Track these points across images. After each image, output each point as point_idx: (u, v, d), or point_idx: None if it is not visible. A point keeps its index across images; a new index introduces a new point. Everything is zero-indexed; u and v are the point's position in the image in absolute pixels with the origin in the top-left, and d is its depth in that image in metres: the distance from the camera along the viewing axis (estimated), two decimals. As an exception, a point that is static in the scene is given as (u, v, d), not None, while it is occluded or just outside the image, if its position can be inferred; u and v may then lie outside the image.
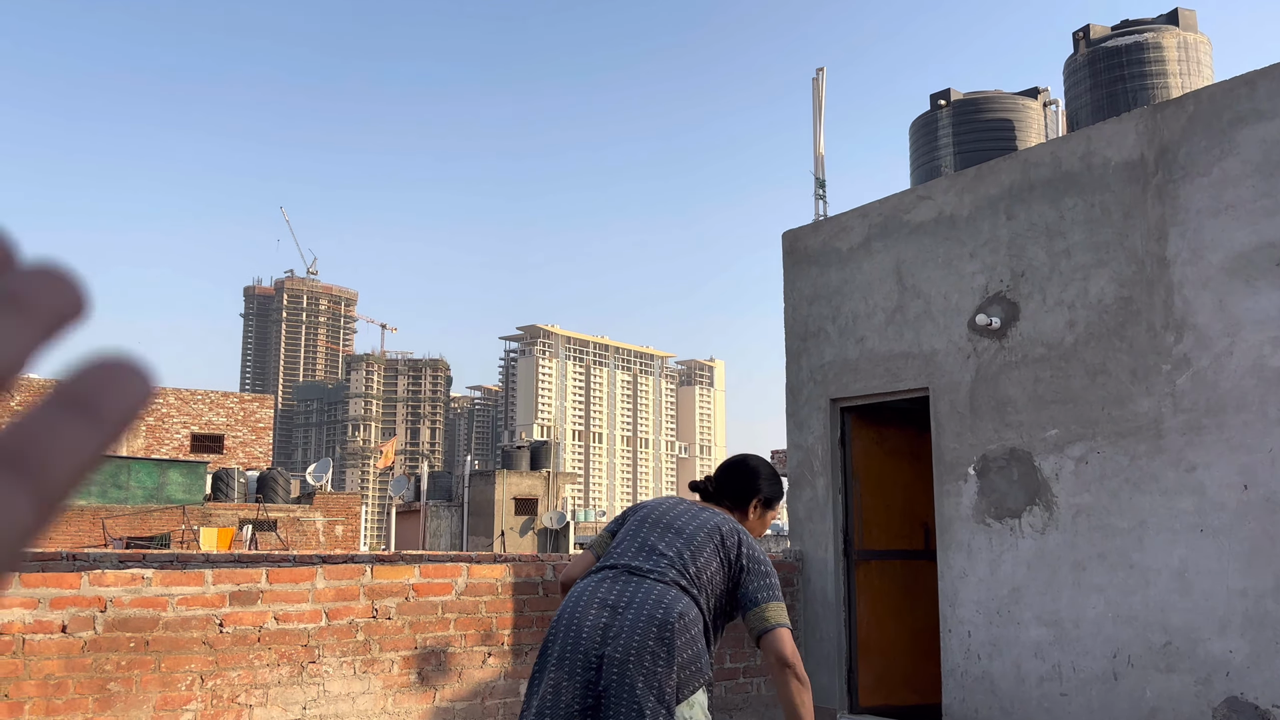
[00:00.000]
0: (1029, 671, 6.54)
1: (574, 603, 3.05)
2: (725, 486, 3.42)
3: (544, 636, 3.09)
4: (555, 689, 2.91)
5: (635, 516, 3.31)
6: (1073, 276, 6.59)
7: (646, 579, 3.05)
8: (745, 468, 3.45)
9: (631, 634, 2.90)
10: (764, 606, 3.06)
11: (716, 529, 3.18)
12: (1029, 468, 6.70)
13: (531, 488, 44.95)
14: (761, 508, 3.42)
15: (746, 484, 3.41)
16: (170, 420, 36.70)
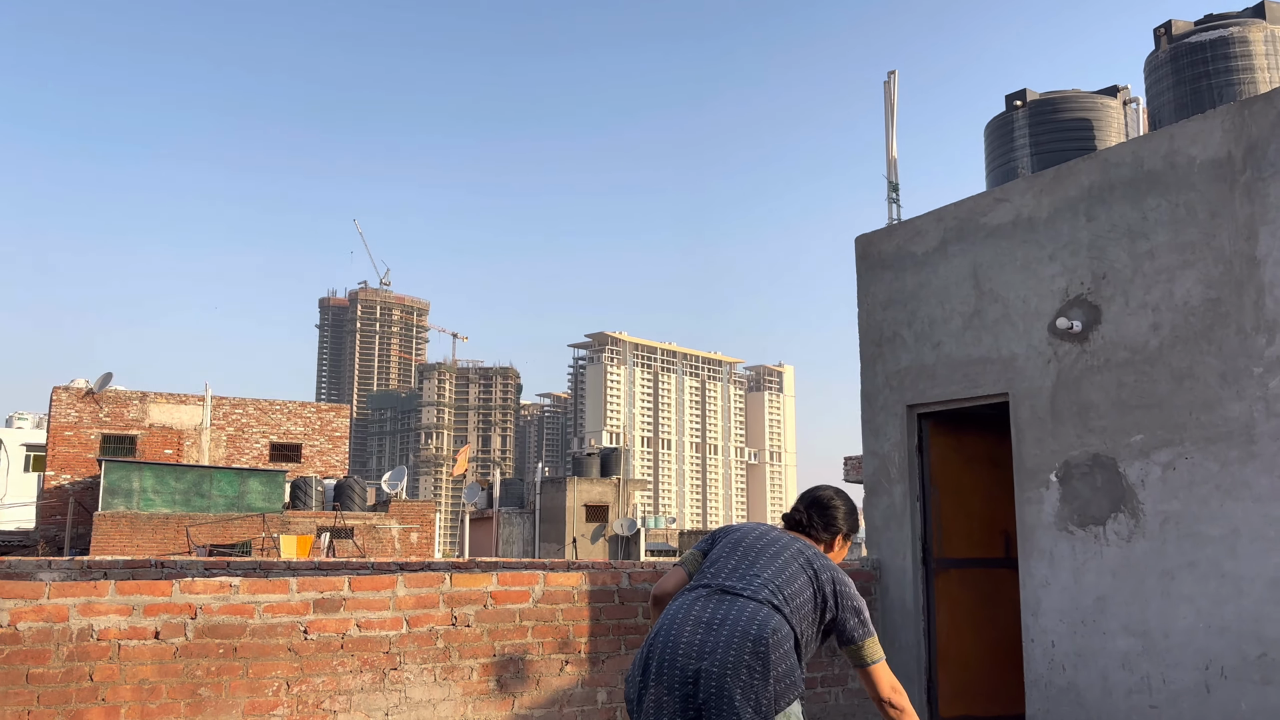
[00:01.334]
0: (1116, 683, 6.38)
1: (670, 620, 3.18)
2: (814, 519, 3.64)
3: (640, 651, 3.19)
4: (657, 705, 3.03)
5: (728, 539, 3.45)
6: (1157, 278, 6.43)
7: (740, 597, 3.19)
8: (830, 504, 3.67)
9: (728, 649, 3.02)
10: (861, 644, 3.31)
11: (809, 561, 3.39)
12: (1113, 474, 6.54)
13: (602, 494, 45.11)
14: (843, 539, 3.72)
15: (831, 518, 3.64)
16: (250, 430, 37.58)
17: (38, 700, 5.23)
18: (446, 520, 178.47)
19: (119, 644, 5.45)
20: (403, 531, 33.52)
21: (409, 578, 6.29)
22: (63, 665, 5.31)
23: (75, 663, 5.33)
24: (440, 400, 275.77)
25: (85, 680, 5.35)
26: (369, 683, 6.05)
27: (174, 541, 29.46)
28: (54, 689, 5.27)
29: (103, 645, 5.41)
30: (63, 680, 5.30)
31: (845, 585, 3.40)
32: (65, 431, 34.65)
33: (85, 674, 5.35)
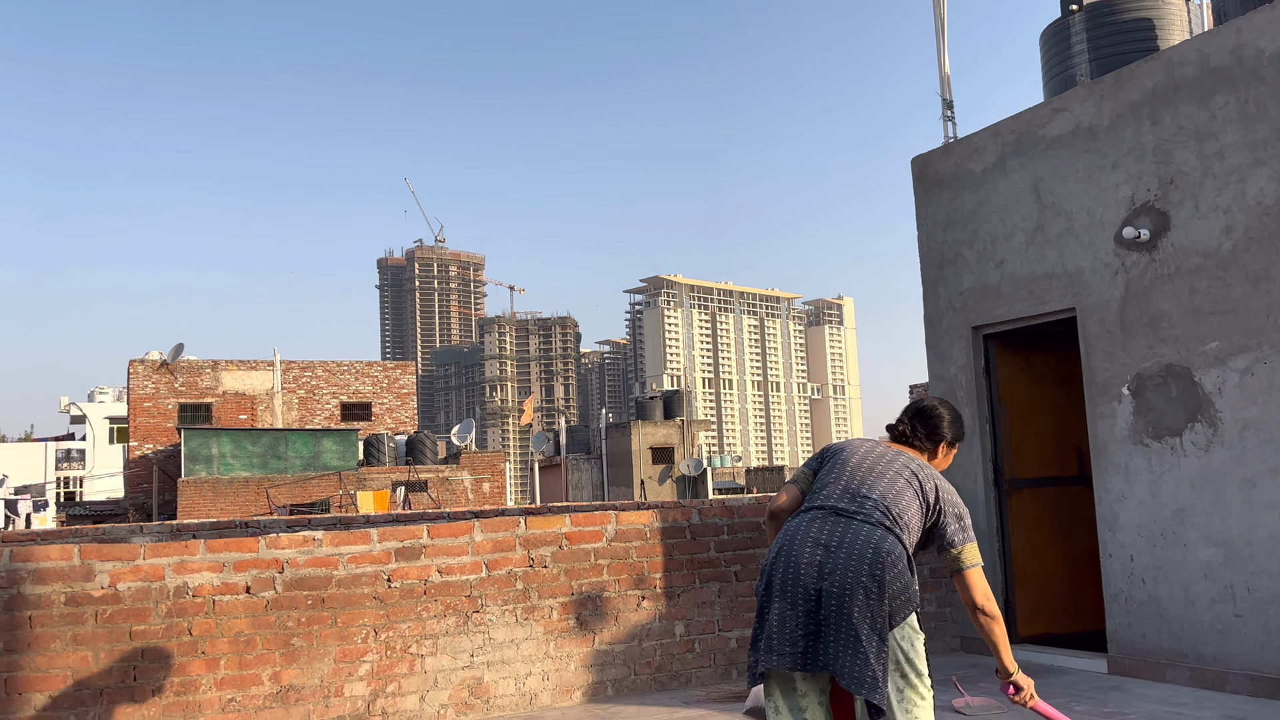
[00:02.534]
0: (1199, 594, 6.31)
1: (789, 540, 3.39)
2: (917, 429, 3.72)
3: (764, 566, 3.43)
4: (781, 618, 3.27)
5: (835, 459, 3.61)
6: (1228, 179, 6.22)
7: (854, 520, 3.37)
8: (935, 412, 3.74)
9: (845, 571, 3.24)
10: (960, 549, 3.43)
11: (914, 474, 3.51)
12: (1188, 384, 6.41)
13: (667, 437, 45.36)
14: (948, 447, 3.75)
15: (935, 427, 3.71)
16: (320, 392, 38.34)
17: (142, 655, 5.47)
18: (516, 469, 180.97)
19: (213, 599, 5.66)
20: (475, 482, 34.10)
21: (485, 523, 6.42)
22: (163, 622, 5.53)
23: (174, 619, 5.55)
24: (502, 353, 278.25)
25: (185, 635, 5.57)
26: (453, 626, 6.21)
27: (255, 503, 30.33)
28: (156, 644, 5.50)
29: (198, 601, 5.62)
30: (164, 636, 5.52)
31: (948, 492, 3.52)
32: (144, 403, 35.68)
33: (184, 629, 5.57)
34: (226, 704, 5.60)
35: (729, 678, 6.94)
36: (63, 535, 9.63)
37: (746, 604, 7.08)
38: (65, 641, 5.31)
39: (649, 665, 6.73)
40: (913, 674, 3.32)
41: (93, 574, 5.41)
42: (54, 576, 5.34)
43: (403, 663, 6.06)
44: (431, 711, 6.09)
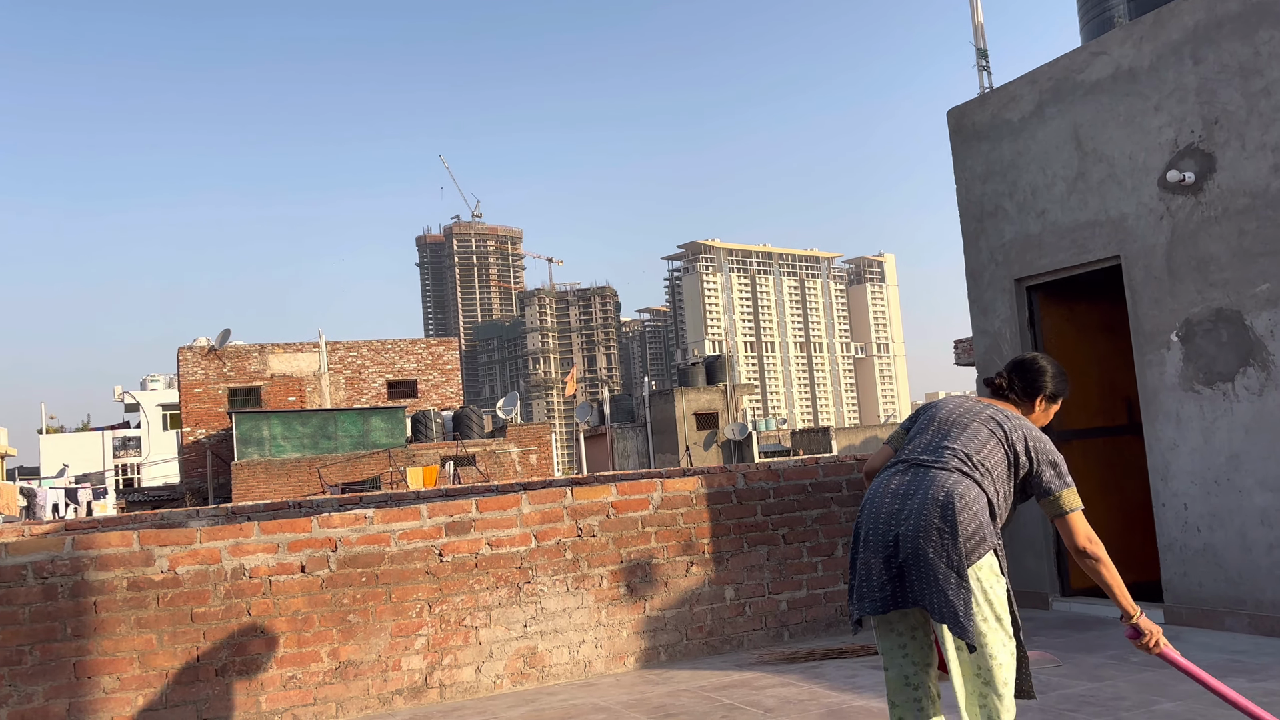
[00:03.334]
0: (1256, 540, 6.22)
1: (873, 494, 3.54)
2: (1014, 383, 3.75)
3: (854, 523, 3.59)
4: (867, 567, 3.43)
5: (925, 415, 3.71)
6: (1275, 116, 6.06)
7: (931, 469, 3.47)
8: (1034, 366, 3.76)
9: (919, 515, 3.37)
10: (1058, 495, 3.48)
11: (999, 424, 3.55)
12: (1239, 327, 6.28)
13: (710, 402, 45.35)
14: (1046, 402, 3.75)
15: (1033, 381, 3.74)
16: (366, 371, 38.76)
17: (204, 636, 5.60)
18: (562, 440, 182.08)
19: (270, 580, 5.77)
20: (522, 454, 34.36)
21: (532, 495, 6.48)
22: (222, 603, 5.65)
23: (233, 600, 5.68)
24: (543, 325, 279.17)
25: (244, 615, 5.69)
26: (505, 597, 6.29)
27: (307, 483, 30.82)
28: (217, 625, 5.63)
29: (255, 582, 5.74)
30: (224, 617, 5.65)
31: (1039, 441, 3.54)
32: (195, 389, 36.30)
33: (243, 609, 5.69)
34: (288, 681, 5.73)
35: (780, 639, 6.97)
36: (122, 521, 9.86)
37: (795, 566, 7.09)
38: (130, 625, 5.45)
39: (700, 630, 6.77)
40: (992, 618, 3.35)
41: (152, 559, 5.54)
42: (115, 563, 5.47)
43: (457, 635, 6.15)
44: (488, 682, 6.18)
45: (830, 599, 7.17)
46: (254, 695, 5.65)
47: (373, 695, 5.91)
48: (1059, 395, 3.76)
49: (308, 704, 5.76)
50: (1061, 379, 3.77)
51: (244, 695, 5.63)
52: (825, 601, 7.16)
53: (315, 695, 5.78)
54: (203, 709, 5.54)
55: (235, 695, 5.61)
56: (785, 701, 5.44)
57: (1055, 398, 3.76)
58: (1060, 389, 3.76)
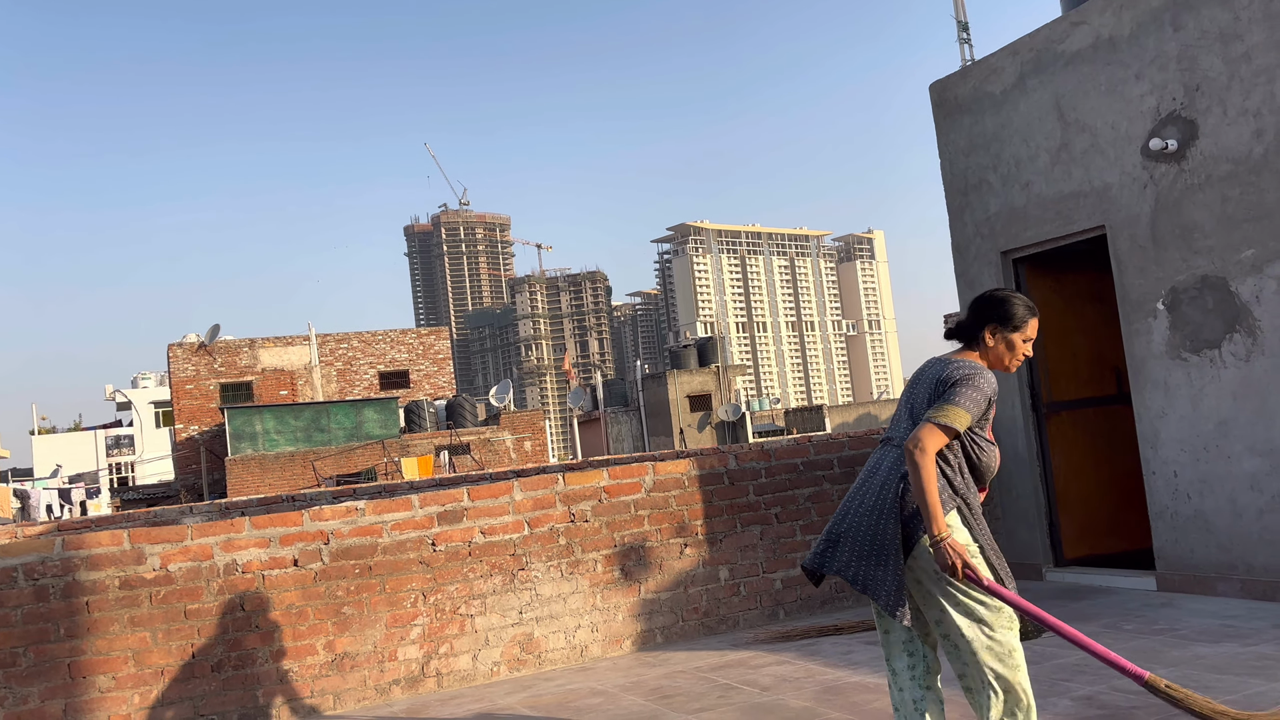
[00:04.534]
0: (1245, 506, 6.24)
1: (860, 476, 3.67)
2: (960, 325, 3.58)
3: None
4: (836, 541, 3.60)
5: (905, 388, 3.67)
6: (1255, 82, 6.05)
7: (889, 445, 3.53)
8: (980, 296, 3.57)
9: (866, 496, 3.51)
10: (935, 408, 3.35)
11: (937, 380, 3.43)
12: (1225, 294, 6.29)
13: (703, 384, 45.38)
14: (1000, 334, 3.48)
15: (974, 311, 3.54)
16: (358, 363, 38.69)
17: (198, 633, 5.59)
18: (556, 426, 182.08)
19: (263, 574, 5.76)
20: (516, 441, 34.37)
21: (524, 482, 6.47)
22: (215, 599, 5.65)
23: (226, 595, 5.67)
24: (534, 312, 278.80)
25: (238, 611, 5.69)
26: (500, 585, 6.29)
27: (302, 477, 30.81)
28: (211, 621, 5.62)
29: (248, 577, 5.73)
30: (218, 613, 5.64)
31: (955, 370, 3.39)
32: (186, 385, 36.21)
33: (237, 605, 5.69)
34: (284, 675, 5.73)
35: (776, 618, 6.99)
36: (114, 520, 9.83)
37: (789, 545, 7.11)
38: (123, 624, 5.44)
39: (696, 611, 6.79)
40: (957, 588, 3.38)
41: (143, 557, 5.53)
42: (106, 562, 5.46)
43: (453, 624, 6.15)
44: (485, 669, 6.19)
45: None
46: (251, 690, 5.65)
47: (370, 686, 5.91)
48: (1005, 320, 3.47)
49: (305, 696, 5.76)
50: (1000, 305, 3.48)
51: (241, 690, 5.63)
52: (820, 579, 7.17)
53: (312, 688, 5.78)
54: (200, 705, 5.54)
55: (232, 690, 5.61)
56: (781, 680, 5.46)
57: (1005, 323, 3.47)
58: (1002, 314, 3.47)
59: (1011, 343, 3.49)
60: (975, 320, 3.52)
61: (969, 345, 3.54)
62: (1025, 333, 3.49)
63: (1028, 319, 3.50)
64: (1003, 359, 3.51)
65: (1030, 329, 3.50)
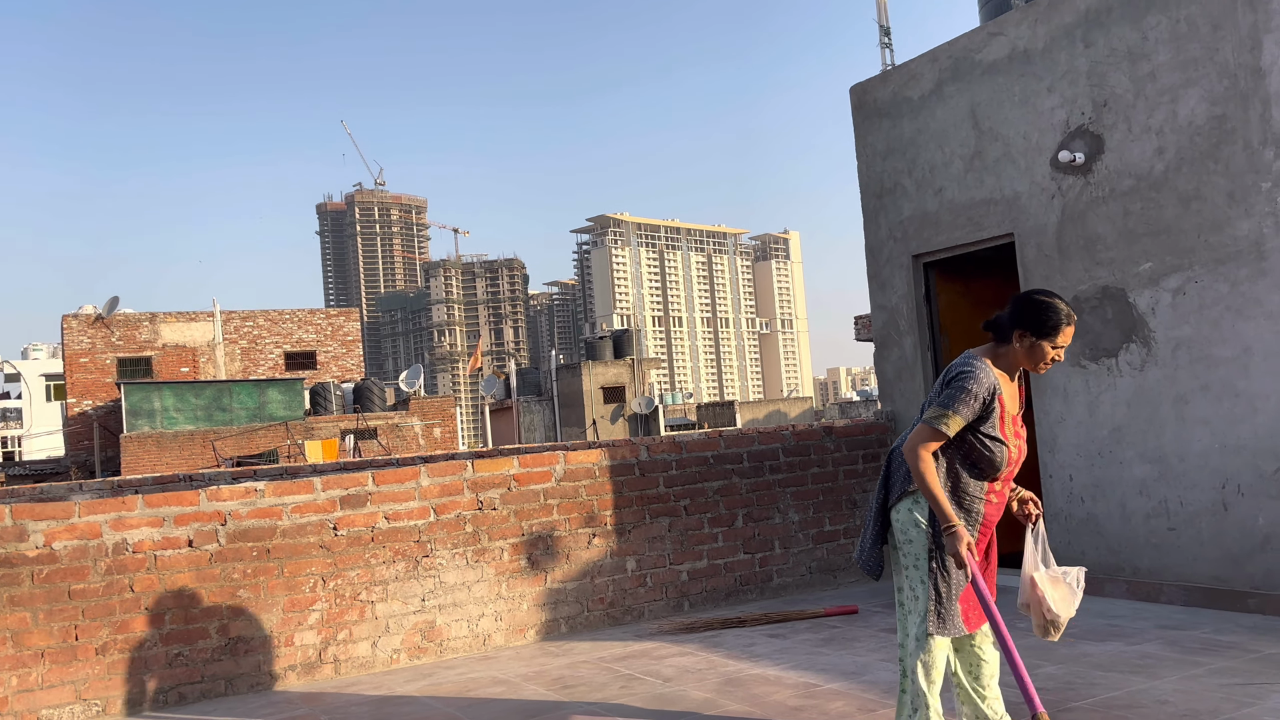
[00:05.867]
0: (1135, 510, 6.47)
1: None
2: (1000, 315, 3.66)
3: None
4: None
5: None
6: (1159, 100, 6.26)
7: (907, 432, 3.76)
8: (1017, 297, 3.63)
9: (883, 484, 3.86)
10: (929, 410, 3.57)
11: (941, 380, 3.62)
12: (1123, 305, 6.51)
13: (617, 376, 45.43)
14: (1029, 338, 3.56)
15: (1011, 310, 3.61)
16: (263, 341, 37.75)
17: (83, 614, 5.38)
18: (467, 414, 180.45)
19: (155, 555, 5.57)
20: (425, 428, 33.94)
21: (432, 468, 6.37)
22: (102, 580, 5.44)
23: (114, 576, 5.46)
24: (449, 297, 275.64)
25: (127, 592, 5.48)
26: (403, 571, 6.19)
27: (201, 457, 29.96)
28: (97, 602, 5.41)
29: (139, 557, 5.53)
30: (104, 594, 5.43)
31: (953, 371, 3.59)
32: (80, 358, 34.89)
33: (126, 586, 5.48)
34: (174, 658, 5.55)
35: (681, 610, 7.02)
36: (-1, 496, 9.41)
37: (696, 537, 7.14)
38: (1, 603, 5.20)
39: (601, 601, 6.78)
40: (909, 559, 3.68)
41: (26, 534, 5.29)
42: (-14, 538, 5.21)
43: (353, 610, 6.03)
44: (384, 657, 6.08)
45: (730, 569, 7.25)
46: (137, 674, 5.46)
47: (264, 672, 5.76)
48: (1037, 329, 3.52)
49: (195, 681, 5.59)
50: (1038, 311, 3.52)
51: (127, 674, 5.44)
52: (725, 571, 7.23)
53: (203, 673, 5.61)
54: (82, 689, 5.33)
55: (117, 675, 5.41)
56: (684, 671, 5.48)
57: (1037, 331, 3.52)
58: (1035, 322, 3.51)
59: (1039, 349, 3.55)
60: (1011, 320, 3.59)
61: (1000, 340, 3.64)
62: (1056, 340, 3.54)
63: (1060, 328, 3.53)
64: (1027, 361, 3.60)
65: (1063, 337, 3.54)
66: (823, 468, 7.70)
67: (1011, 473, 3.72)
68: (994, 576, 3.89)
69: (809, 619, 6.57)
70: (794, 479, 7.56)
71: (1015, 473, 3.77)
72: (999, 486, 3.71)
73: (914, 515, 3.67)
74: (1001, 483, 3.71)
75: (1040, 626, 3.70)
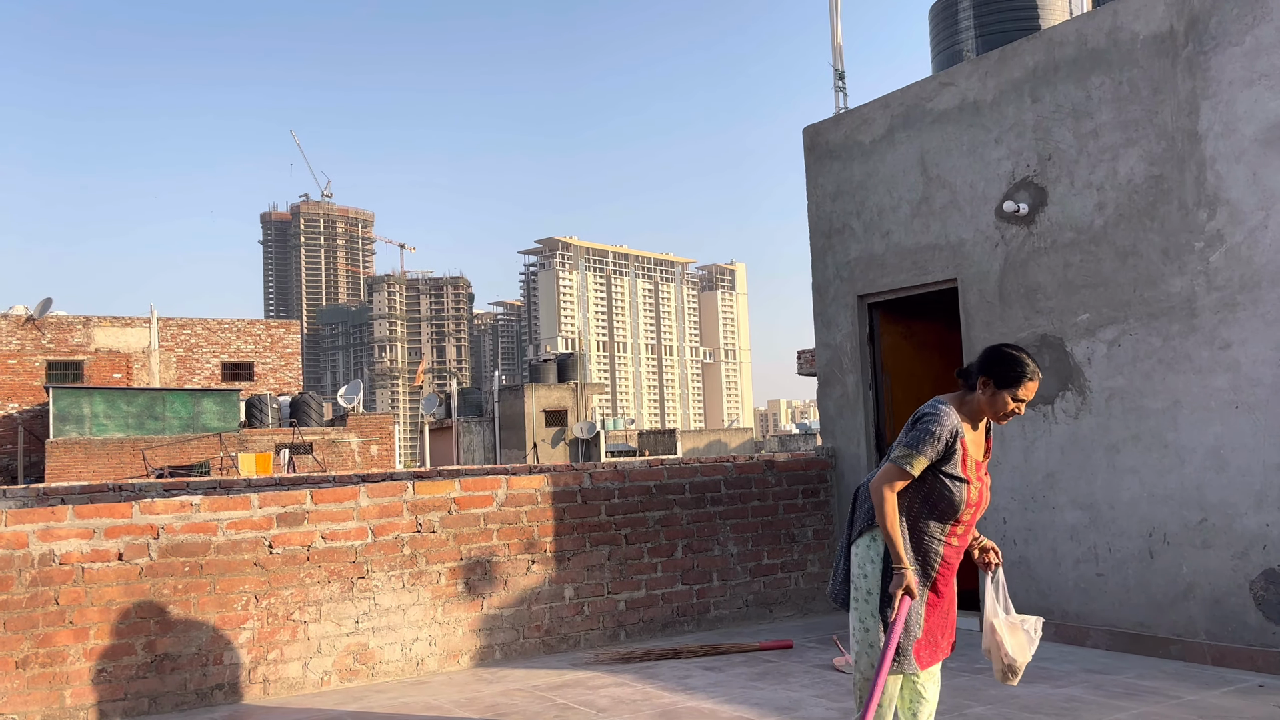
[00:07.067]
0: (1065, 554, 6.62)
1: None
2: (971, 365, 3.85)
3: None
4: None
5: None
6: (1101, 157, 6.47)
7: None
8: (985, 350, 3.82)
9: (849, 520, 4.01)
10: (895, 449, 3.74)
11: (911, 419, 3.76)
12: (1061, 353, 6.68)
13: (560, 399, 45.31)
14: (992, 387, 3.73)
15: (977, 363, 3.81)
16: (200, 350, 37.06)
17: (4, 626, 5.23)
18: (406, 432, 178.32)
19: (83, 567, 5.44)
20: (362, 445, 33.51)
21: (371, 488, 6.31)
22: (26, 591, 5.29)
23: (39, 588, 5.32)
24: (391, 313, 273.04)
25: (51, 604, 5.34)
26: (338, 592, 6.11)
27: (130, 465, 29.24)
28: (19, 614, 5.27)
29: (66, 569, 5.40)
30: (28, 605, 5.29)
31: (919, 413, 3.75)
32: (8, 360, 33.95)
33: (50, 598, 5.34)
34: (96, 675, 5.41)
35: (617, 639, 7.01)
36: (-82, 500, 9.11)
37: (635, 567, 7.15)
38: (-81, 613, 5.04)
39: (538, 629, 6.75)
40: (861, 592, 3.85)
41: (-50, 542, 5.14)
42: (-94, 545, 5.05)
43: (285, 629, 5.93)
44: (315, 678, 5.99)
45: (668, 600, 7.26)
46: (58, 689, 5.31)
47: (190, 690, 5.64)
48: (1001, 380, 3.69)
49: (118, 699, 5.46)
50: (1005, 364, 3.69)
51: (47, 689, 5.29)
52: (663, 602, 7.24)
53: (127, 690, 5.48)
54: (0, 703, 5.17)
55: (38, 689, 5.27)
56: (618, 701, 5.47)
57: (1000, 382, 3.69)
58: (1001, 373, 3.68)
59: (1001, 399, 3.72)
60: (979, 368, 3.78)
61: (968, 388, 3.82)
62: (1017, 393, 3.70)
63: (1022, 381, 3.69)
64: (989, 409, 3.76)
65: (1024, 391, 3.70)
66: (763, 501, 7.76)
67: (974, 518, 3.83)
68: (953, 620, 3.97)
69: (744, 652, 6.61)
70: (734, 511, 7.61)
71: (977, 518, 3.87)
72: (960, 530, 3.81)
73: (870, 552, 3.82)
74: (964, 527, 3.82)
75: (1000, 671, 3.90)
